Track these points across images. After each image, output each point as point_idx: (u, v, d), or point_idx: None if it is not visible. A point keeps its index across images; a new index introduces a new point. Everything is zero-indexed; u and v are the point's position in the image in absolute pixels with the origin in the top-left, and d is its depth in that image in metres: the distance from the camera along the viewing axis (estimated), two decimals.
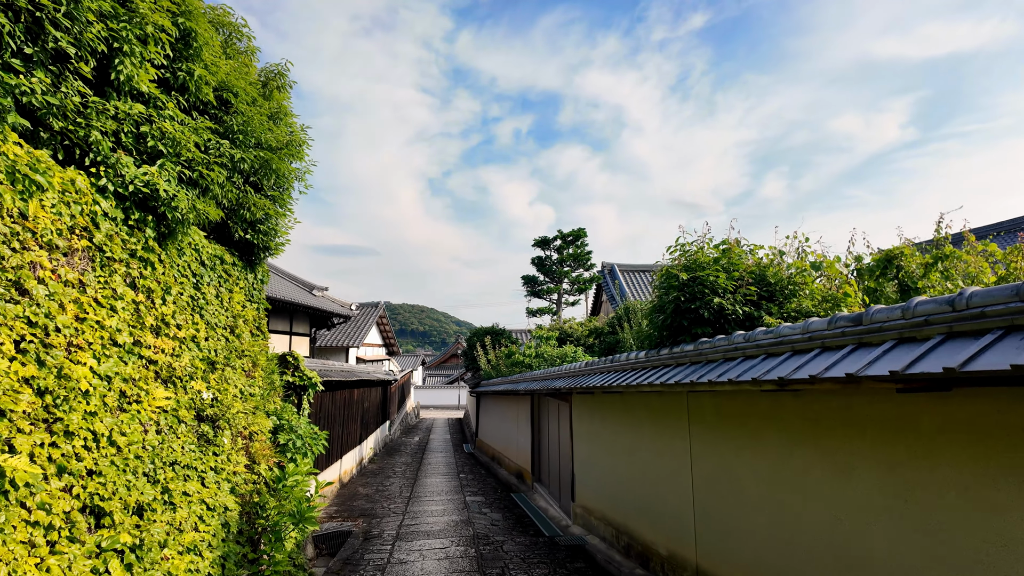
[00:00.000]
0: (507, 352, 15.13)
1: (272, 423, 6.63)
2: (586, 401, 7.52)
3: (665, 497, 5.18)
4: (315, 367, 8.36)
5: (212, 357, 5.56)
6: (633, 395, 5.95)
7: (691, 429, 4.72)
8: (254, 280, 7.14)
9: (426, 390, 45.11)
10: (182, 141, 4.61)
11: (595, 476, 7.05)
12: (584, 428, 7.58)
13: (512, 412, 13.10)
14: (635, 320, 12.54)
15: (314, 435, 6.89)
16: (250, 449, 5.97)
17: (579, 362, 7.91)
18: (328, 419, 9.94)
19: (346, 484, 11.37)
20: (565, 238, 20.12)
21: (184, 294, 5.28)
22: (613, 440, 6.48)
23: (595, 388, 6.05)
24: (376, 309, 30.79)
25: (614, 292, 23.38)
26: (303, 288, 20.19)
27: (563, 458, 8.80)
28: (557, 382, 7.99)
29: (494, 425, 15.97)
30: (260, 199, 6.39)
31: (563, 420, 8.84)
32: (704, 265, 4.92)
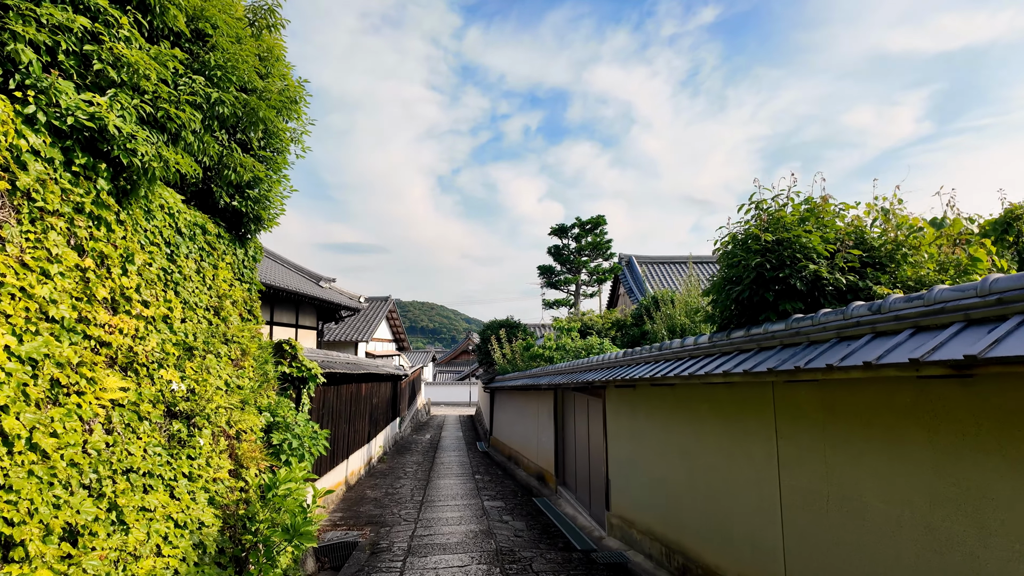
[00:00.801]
0: (525, 345, 14.18)
1: (265, 420, 5.75)
2: (625, 396, 6.56)
3: (737, 512, 4.20)
4: (316, 358, 7.47)
5: (189, 342, 4.67)
6: (690, 388, 4.98)
7: (779, 429, 3.74)
8: (244, 257, 6.24)
9: (437, 386, 44.34)
10: (141, 69, 3.70)
11: (637, 482, 6.09)
12: (623, 427, 6.62)
13: (531, 408, 12.16)
14: (665, 310, 11.56)
15: (313, 434, 5.99)
16: (236, 451, 5.08)
17: (613, 352, 6.95)
18: (333, 416, 9.06)
19: (353, 486, 10.50)
20: (583, 226, 19.08)
21: (153, 265, 4.39)
22: (662, 441, 5.52)
23: (641, 380, 5.09)
24: (386, 303, 29.99)
25: (632, 285, 22.41)
26: (309, 279, 19.38)
27: (595, 460, 7.84)
28: (589, 375, 7.04)
29: (510, 422, 15.04)
30: (248, 159, 5.48)
31: (595, 417, 7.89)
32: (788, 226, 3.93)
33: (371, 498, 9.52)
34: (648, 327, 12.24)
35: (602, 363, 7.01)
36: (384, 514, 8.31)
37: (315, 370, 6.60)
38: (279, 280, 14.70)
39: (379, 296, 30.46)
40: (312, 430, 6.01)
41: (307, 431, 5.96)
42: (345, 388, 9.89)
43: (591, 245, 18.95)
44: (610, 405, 7.05)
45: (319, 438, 6.05)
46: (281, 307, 16.52)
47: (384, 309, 29.46)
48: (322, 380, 6.77)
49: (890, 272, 3.77)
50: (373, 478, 11.70)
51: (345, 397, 9.92)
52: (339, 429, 9.47)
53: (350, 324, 26.88)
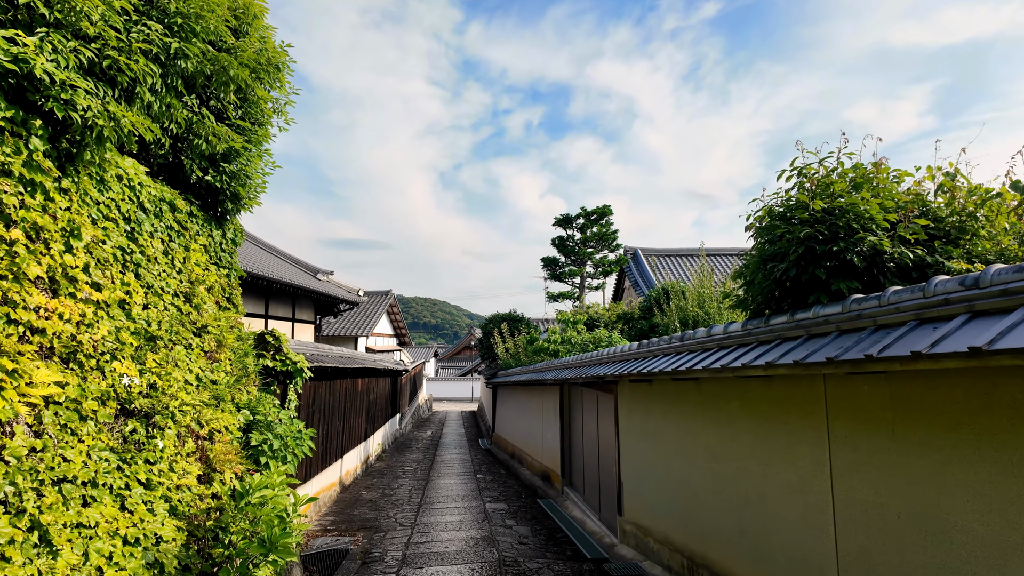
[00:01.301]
0: (529, 339, 13.63)
1: (243, 419, 5.21)
2: (639, 392, 6.00)
3: (776, 524, 3.65)
4: (304, 350, 6.93)
5: (153, 331, 4.12)
6: (718, 383, 4.42)
7: (832, 430, 3.18)
8: (222, 239, 5.69)
9: (439, 382, 43.89)
10: (80, 6, 3.15)
11: (654, 486, 5.54)
12: (637, 425, 6.07)
13: (536, 405, 11.62)
14: (677, 301, 10.99)
15: (297, 434, 5.45)
16: (208, 453, 4.54)
17: (625, 345, 6.39)
18: (325, 413, 8.53)
19: (348, 486, 9.98)
20: (589, 216, 18.45)
21: (108, 243, 3.85)
22: (683, 441, 4.96)
23: (661, 374, 4.53)
24: (386, 297, 29.47)
25: (638, 277, 21.87)
26: (307, 272, 18.86)
27: (605, 461, 7.29)
28: (599, 368, 6.48)
29: (514, 419, 14.51)
30: (222, 128, 4.92)
31: (605, 415, 7.33)
32: (841, 193, 3.36)
33: (366, 500, 9.00)
34: (658, 320, 11.67)
35: (614, 356, 6.45)
36: (379, 518, 7.78)
37: (301, 364, 6.06)
38: (274, 272, 14.19)
39: (379, 290, 29.94)
40: (295, 430, 5.47)
41: (291, 430, 5.42)
42: (339, 384, 9.35)
43: (597, 236, 18.34)
44: (622, 402, 6.49)
45: (304, 438, 5.51)
46: (277, 300, 16.00)
47: (385, 303, 28.95)
48: (308, 375, 6.23)
49: (963, 245, 3.19)
50: (370, 477, 11.18)
51: (339, 393, 9.39)
52: (332, 427, 8.94)
53: (349, 318, 26.37)
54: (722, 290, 10.71)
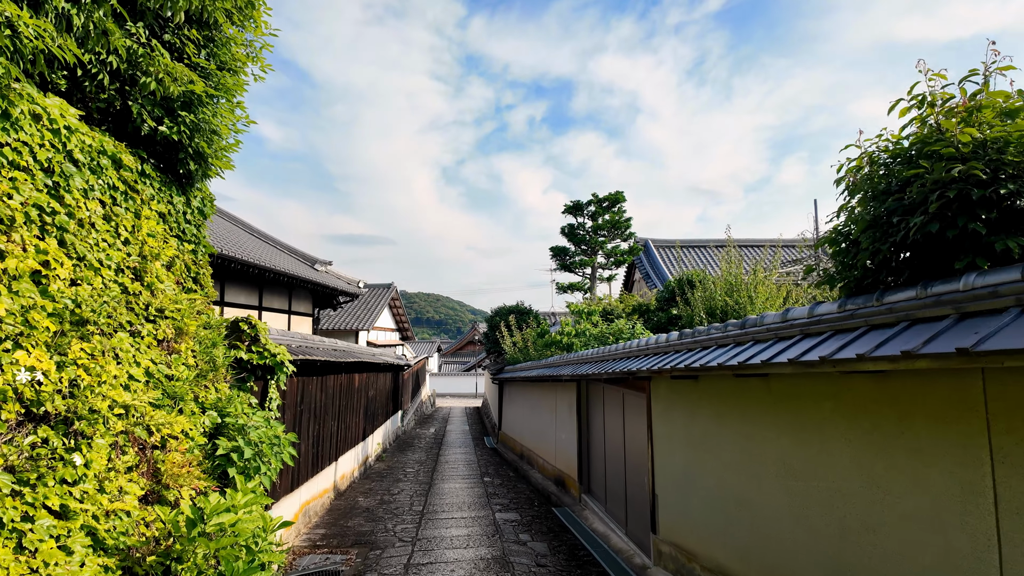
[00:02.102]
0: (539, 331, 12.73)
1: (209, 422, 4.33)
2: (680, 390, 5.10)
3: (896, 566, 2.75)
4: (289, 341, 6.04)
5: (83, 313, 3.23)
6: (796, 380, 3.51)
7: (996, 446, 2.28)
8: (186, 208, 4.80)
9: (442, 377, 43.10)
10: None
11: (702, 503, 4.64)
12: (677, 429, 5.16)
13: (548, 402, 10.73)
14: (701, 291, 10.07)
15: (274, 440, 4.57)
16: (159, 467, 3.67)
17: (660, 335, 5.49)
18: (317, 412, 7.65)
19: (344, 492, 9.12)
20: (600, 203, 17.46)
21: (15, 198, 2.98)
22: (744, 451, 4.05)
23: (720, 368, 3.62)
24: (388, 290, 28.62)
25: (649, 270, 20.99)
26: (303, 262, 17.99)
27: (634, 469, 6.40)
28: (629, 363, 5.59)
29: (522, 417, 13.63)
30: (180, 68, 4.02)
31: (634, 416, 6.44)
32: (991, 123, 2.44)
33: (363, 508, 8.14)
34: (680, 311, 10.75)
35: (647, 348, 5.55)
36: (376, 531, 6.91)
37: (282, 356, 5.17)
38: (267, 260, 13.31)
39: (381, 283, 29.10)
40: (272, 435, 4.59)
41: (267, 435, 4.54)
42: (333, 379, 8.48)
43: (609, 224, 17.35)
44: (657, 402, 5.59)
45: (283, 445, 4.63)
46: (272, 291, 15.15)
47: (386, 297, 28.10)
48: (291, 369, 5.35)
49: None
50: (368, 481, 10.33)
51: (333, 390, 8.52)
52: (325, 427, 8.07)
53: (350, 311, 25.53)
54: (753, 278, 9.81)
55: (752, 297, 9.61)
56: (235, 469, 4.23)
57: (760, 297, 9.53)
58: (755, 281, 9.86)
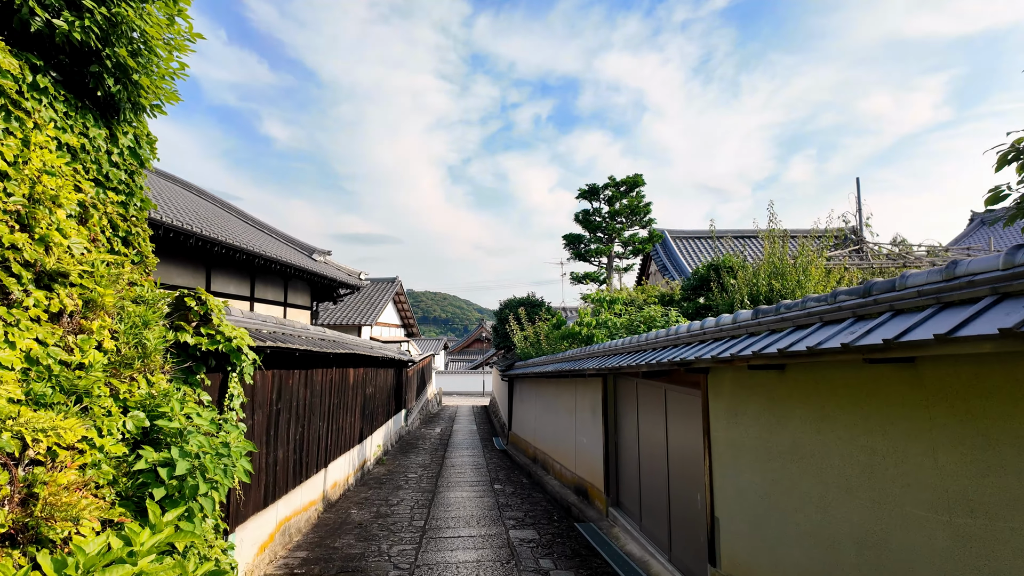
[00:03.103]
0: (555, 323, 11.58)
1: (133, 426, 3.21)
2: (757, 385, 3.93)
3: None
4: (256, 325, 4.90)
5: None
6: (983, 369, 2.33)
7: None
8: (111, 145, 3.67)
9: (449, 375, 42.06)
10: None
11: (792, 537, 3.47)
12: (749, 435, 3.99)
13: (565, 401, 9.58)
14: (743, 276, 8.90)
15: (222, 450, 3.44)
16: (37, 491, 2.55)
17: (725, 316, 4.31)
18: (300, 412, 6.54)
19: (335, 503, 8.01)
20: (618, 186, 16.16)
21: None
22: (873, 471, 2.87)
23: (848, 350, 2.45)
24: (392, 284, 27.59)
25: (666, 261, 19.84)
26: (300, 251, 16.92)
27: (680, 482, 5.24)
28: (681, 351, 4.43)
29: (536, 417, 12.48)
30: None
31: (682, 417, 5.27)
32: None
33: (356, 523, 7.01)
34: (714, 298, 9.57)
35: (703, 332, 4.38)
36: (368, 554, 5.79)
37: (239, 342, 4.03)
38: (257, 246, 12.23)
39: (385, 277, 28.05)
40: (220, 443, 3.46)
41: (213, 444, 3.42)
42: (322, 374, 7.37)
43: (627, 209, 16.08)
44: (718, 400, 4.42)
45: (234, 456, 3.50)
46: (265, 281, 14.09)
47: (391, 291, 27.06)
48: (251, 358, 4.22)
49: None
50: (365, 488, 9.22)
51: (322, 386, 7.40)
52: (311, 430, 6.96)
53: (352, 306, 24.49)
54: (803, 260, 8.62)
55: (801, 281, 8.43)
56: (162, 490, 3.11)
57: (812, 280, 8.36)
58: (803, 264, 8.69)
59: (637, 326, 8.60)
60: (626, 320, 9.04)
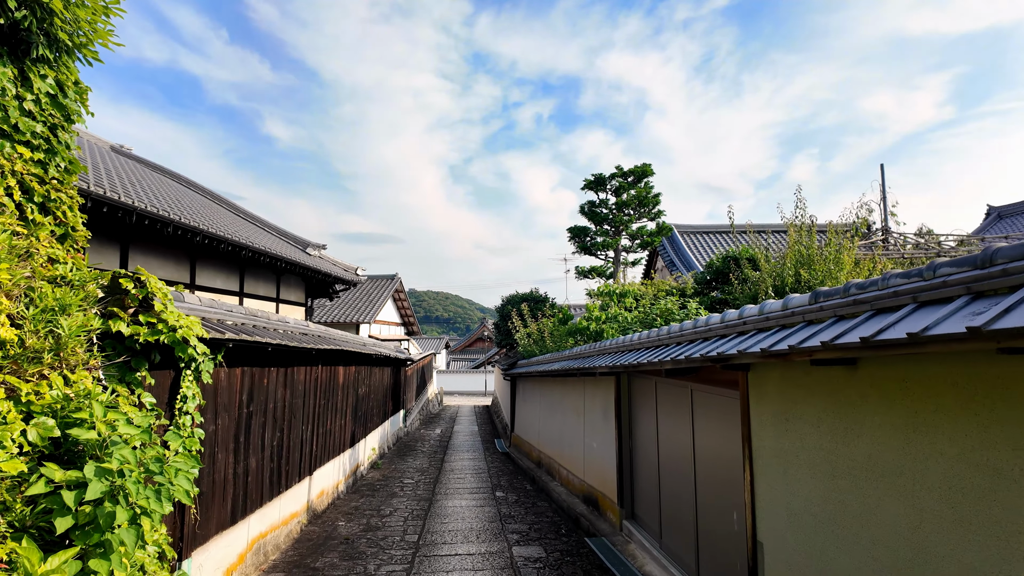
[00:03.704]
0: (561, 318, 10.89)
1: (38, 435, 2.53)
2: (815, 384, 3.22)
3: None
4: (218, 314, 4.20)
5: None
6: None
7: None
8: (20, 88, 2.99)
9: (450, 375, 41.40)
10: None
11: (869, 570, 2.76)
12: (805, 445, 3.28)
13: (573, 401, 8.88)
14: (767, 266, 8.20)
15: (153, 467, 2.75)
16: None
17: (771, 303, 3.60)
18: (279, 415, 5.86)
19: (321, 514, 7.32)
20: (625, 176, 15.42)
21: None
22: (997, 497, 2.16)
23: (1007, 331, 1.75)
24: (392, 282, 26.91)
25: (674, 257, 19.17)
26: (294, 245, 16.25)
27: (710, 496, 4.54)
28: (715, 345, 3.74)
29: (540, 419, 11.79)
30: None
31: (713, 421, 4.58)
32: None
33: (342, 537, 6.33)
34: (732, 291, 8.87)
35: (742, 322, 3.68)
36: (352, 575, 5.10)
37: (185, 331, 3.33)
38: (245, 237, 11.55)
39: (384, 274, 27.38)
40: (155, 456, 2.78)
41: (146, 458, 2.74)
42: (305, 372, 6.69)
43: (635, 200, 15.32)
44: (762, 402, 3.72)
45: (172, 472, 2.81)
46: (256, 275, 13.42)
47: (390, 288, 26.39)
48: (203, 351, 3.53)
49: None
50: (357, 496, 8.54)
51: (305, 385, 6.72)
52: (292, 434, 6.28)
53: (349, 303, 23.84)
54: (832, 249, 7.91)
55: (832, 270, 7.73)
56: (69, 519, 2.43)
57: (844, 269, 7.65)
58: (833, 252, 7.97)
59: (653, 319, 7.91)
60: (640, 313, 8.34)
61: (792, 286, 7.86)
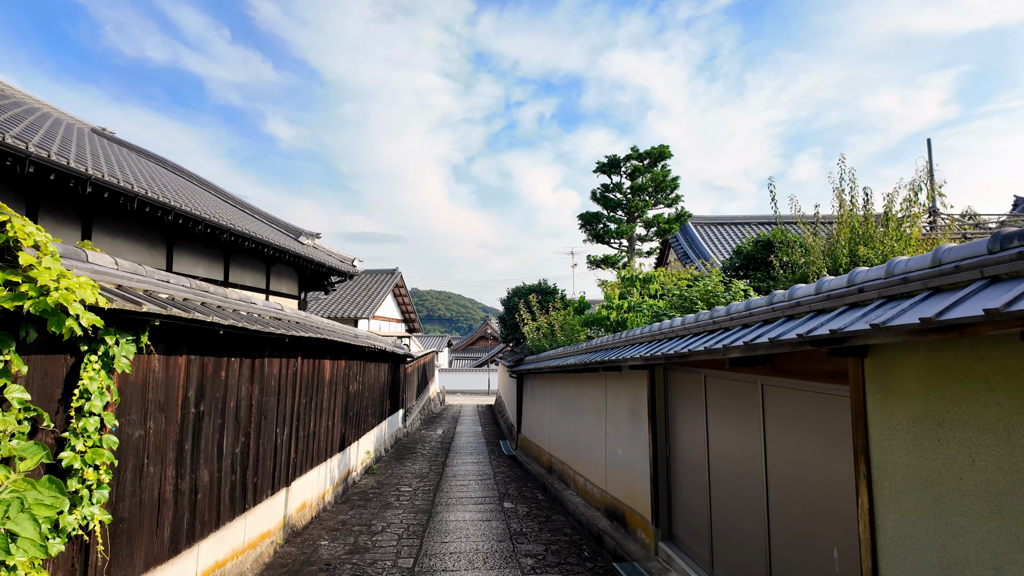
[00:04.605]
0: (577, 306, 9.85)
1: None
2: (991, 375, 2.17)
3: None
4: (148, 284, 3.15)
5: None
6: None
7: None
8: None
9: (453, 373, 40.39)
10: None
11: None
12: (978, 466, 2.25)
13: (593, 401, 7.84)
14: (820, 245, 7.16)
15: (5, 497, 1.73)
16: None
17: (906, 259, 2.54)
18: (244, 413, 4.83)
19: (302, 530, 6.29)
20: (641, 158, 14.30)
21: None
22: None
23: None
24: (392, 276, 25.88)
25: (687, 248, 18.16)
26: (285, 233, 15.24)
27: (794, 521, 3.49)
28: (829, 320, 2.69)
29: (551, 420, 10.74)
30: None
31: (797, 427, 3.52)
32: None
33: (323, 561, 5.30)
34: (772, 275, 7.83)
35: (867, 285, 2.63)
36: None
37: (65, 296, 2.31)
38: (226, 219, 10.52)
39: (384, 268, 26.36)
40: None
41: None
42: (279, 365, 5.66)
43: (652, 184, 14.21)
44: (889, 399, 2.68)
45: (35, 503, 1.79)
46: (242, 264, 12.39)
47: (390, 283, 25.36)
48: (89, 322, 2.50)
49: None
50: (346, 507, 7.51)
51: (280, 380, 5.69)
52: (263, 439, 5.25)
53: (347, 297, 22.83)
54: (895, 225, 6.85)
55: (896, 248, 6.68)
56: None
57: (910, 245, 6.61)
58: (893, 229, 6.92)
59: (692, 303, 6.84)
60: (676, 298, 7.27)
61: (847, 267, 6.82)
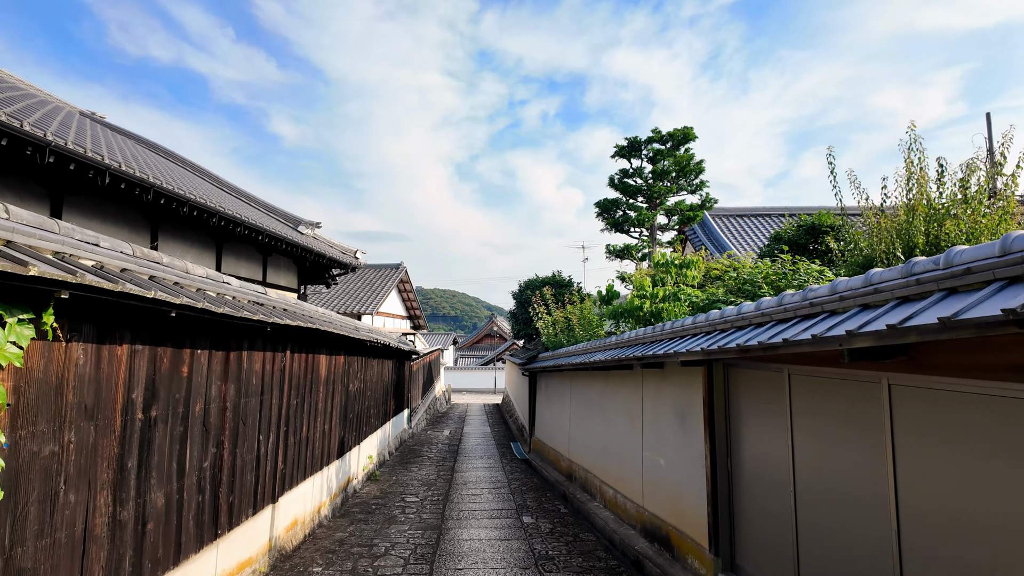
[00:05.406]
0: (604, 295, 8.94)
1: None
2: None
3: None
4: (67, 247, 2.31)
5: None
6: None
7: None
8: None
9: (458, 372, 39.55)
10: None
11: None
12: None
13: (624, 402, 6.92)
14: (891, 224, 6.22)
15: None
16: None
17: None
18: (214, 418, 3.95)
19: (291, 554, 5.41)
20: (664, 141, 13.35)
21: None
22: None
23: None
24: (396, 271, 25.03)
25: (706, 241, 17.31)
26: (282, 221, 14.38)
27: (935, 562, 2.56)
28: None
29: (572, 422, 9.83)
30: None
31: (939, 438, 2.60)
32: None
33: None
34: (833, 258, 6.90)
35: None
36: None
37: None
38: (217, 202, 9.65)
39: (388, 263, 25.51)
40: None
41: None
42: (262, 359, 4.78)
43: (675, 168, 13.24)
44: None
45: None
46: (236, 253, 11.52)
47: (394, 278, 24.50)
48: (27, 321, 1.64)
49: None
50: (345, 522, 6.64)
51: (262, 378, 4.81)
52: (242, 447, 4.37)
53: (349, 292, 21.99)
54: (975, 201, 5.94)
55: (980, 225, 5.75)
56: None
57: (994, 222, 5.68)
58: (976, 205, 5.98)
59: (757, 288, 5.90)
60: (731, 283, 6.33)
61: (924, 249, 5.89)
